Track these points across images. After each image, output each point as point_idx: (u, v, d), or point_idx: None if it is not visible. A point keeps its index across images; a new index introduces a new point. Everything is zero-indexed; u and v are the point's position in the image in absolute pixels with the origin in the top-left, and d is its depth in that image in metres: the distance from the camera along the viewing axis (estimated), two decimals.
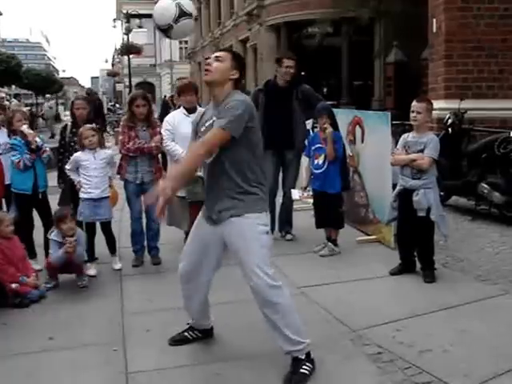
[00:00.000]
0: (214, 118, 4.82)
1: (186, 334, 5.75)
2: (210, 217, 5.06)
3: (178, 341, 5.71)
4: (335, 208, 8.50)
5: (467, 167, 10.76)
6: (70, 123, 8.68)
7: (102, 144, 8.09)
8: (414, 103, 7.34)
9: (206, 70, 4.95)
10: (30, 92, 75.29)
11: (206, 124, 4.98)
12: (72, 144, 8.31)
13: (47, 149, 8.19)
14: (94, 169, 7.84)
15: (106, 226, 8.21)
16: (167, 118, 8.73)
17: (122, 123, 8.50)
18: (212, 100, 5.07)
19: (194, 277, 5.27)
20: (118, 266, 8.17)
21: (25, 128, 8.02)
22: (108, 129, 31.83)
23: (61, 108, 71.80)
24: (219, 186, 4.91)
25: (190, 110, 8.55)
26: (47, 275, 7.48)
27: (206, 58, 5.10)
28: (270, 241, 5.00)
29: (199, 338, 5.74)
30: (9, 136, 8.28)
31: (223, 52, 5.05)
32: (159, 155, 8.71)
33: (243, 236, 4.84)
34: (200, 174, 8.33)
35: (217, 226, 4.98)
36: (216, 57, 4.97)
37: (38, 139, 8.06)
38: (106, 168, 7.99)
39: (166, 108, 13.34)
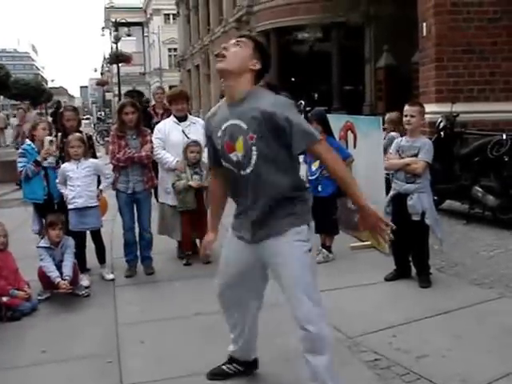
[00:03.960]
0: (232, 121, 4.12)
1: (224, 367, 5.10)
2: (242, 237, 4.41)
3: (215, 374, 5.07)
4: (329, 214, 8.46)
5: (460, 171, 10.76)
6: (59, 135, 8.63)
7: (86, 155, 8.02)
8: (407, 107, 7.33)
9: (221, 56, 4.13)
10: (18, 102, 75.14)
11: (223, 127, 4.18)
12: (62, 154, 8.26)
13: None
14: (76, 178, 7.80)
15: (96, 235, 8.17)
16: (158, 126, 8.73)
17: (111, 133, 8.45)
18: (226, 97, 4.30)
19: (240, 302, 4.71)
20: (109, 276, 8.10)
21: (47, 139, 8.14)
22: (98, 138, 31.88)
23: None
24: (255, 201, 4.20)
25: (181, 119, 8.57)
26: (41, 287, 7.42)
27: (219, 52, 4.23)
28: (314, 259, 4.50)
29: (240, 372, 5.07)
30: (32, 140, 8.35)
31: (244, 37, 4.22)
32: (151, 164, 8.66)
33: (282, 255, 4.20)
34: (191, 183, 8.36)
35: (252, 245, 4.35)
36: (236, 41, 4.16)
37: (51, 159, 8.12)
38: (90, 177, 7.93)
39: (147, 117, 12.93)
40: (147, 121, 12.26)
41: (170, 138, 8.51)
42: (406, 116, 7.31)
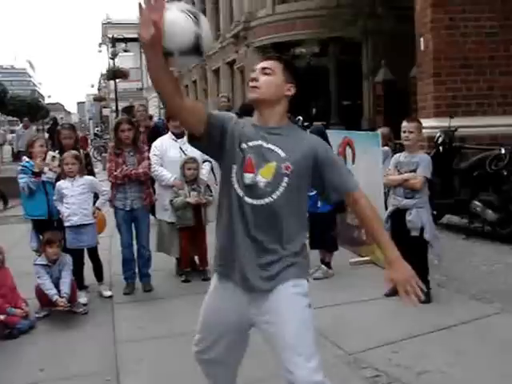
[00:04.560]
0: (264, 144, 3.64)
1: None
2: (231, 282, 3.73)
3: None
4: (328, 230, 8.44)
5: (459, 185, 10.76)
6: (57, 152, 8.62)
7: (81, 172, 7.99)
8: (405, 124, 7.34)
9: (253, 87, 3.74)
10: (15, 119, 75.11)
11: (251, 144, 3.65)
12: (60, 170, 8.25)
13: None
14: (71, 196, 7.77)
15: (93, 253, 8.15)
16: (155, 143, 8.72)
17: (109, 150, 8.44)
18: (257, 119, 3.81)
19: (219, 360, 3.97)
20: (107, 293, 8.07)
21: (50, 154, 8.17)
22: (95, 154, 31.89)
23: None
24: (258, 242, 3.61)
25: (179, 135, 8.55)
26: (39, 304, 7.38)
27: (252, 71, 3.86)
28: (313, 318, 3.71)
29: None
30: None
31: (271, 61, 3.81)
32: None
33: (276, 310, 3.61)
34: (189, 199, 8.34)
35: (241, 296, 3.68)
36: (262, 68, 3.75)
37: (50, 174, 8.10)
38: (85, 194, 7.89)
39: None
40: None
41: (168, 154, 8.51)
42: (404, 132, 7.32)
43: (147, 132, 12.05)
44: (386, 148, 9.79)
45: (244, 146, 3.66)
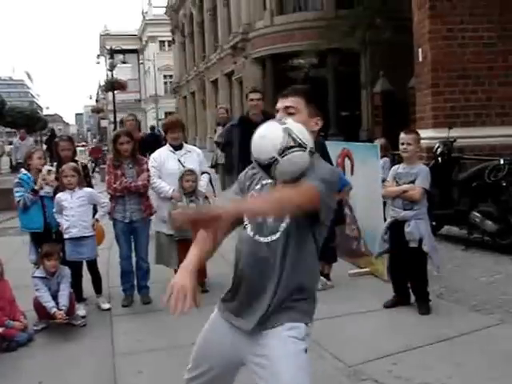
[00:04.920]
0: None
1: None
2: (236, 324, 3.53)
3: None
4: (328, 242, 8.40)
5: (458, 196, 10.75)
6: (55, 164, 8.61)
7: (81, 184, 7.98)
8: (403, 135, 7.33)
9: None
10: (13, 130, 75.05)
11: (264, 182, 3.56)
12: (58, 184, 8.22)
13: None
14: (71, 208, 7.76)
15: (92, 265, 8.13)
16: (153, 155, 8.70)
17: (107, 163, 8.43)
18: None
19: None
20: (106, 305, 8.04)
21: (46, 168, 8.15)
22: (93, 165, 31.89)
23: None
24: (265, 281, 3.41)
25: (177, 147, 8.53)
26: (37, 317, 7.35)
27: (276, 111, 3.68)
28: (309, 364, 3.50)
29: None
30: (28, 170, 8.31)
31: (292, 97, 3.63)
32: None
33: (269, 354, 3.39)
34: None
35: (236, 334, 3.51)
36: (285, 108, 3.60)
37: (47, 188, 8.10)
38: (84, 207, 7.89)
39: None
40: None
41: (166, 166, 8.49)
42: (402, 144, 7.31)
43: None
44: (386, 159, 9.79)
45: (258, 186, 3.58)
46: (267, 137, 3.30)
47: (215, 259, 3.90)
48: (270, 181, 3.48)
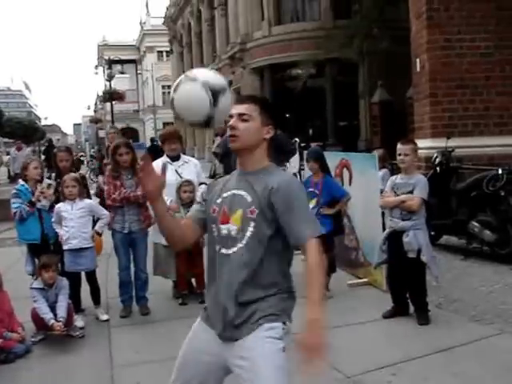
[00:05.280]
0: (236, 191, 3.64)
1: None
2: (212, 327, 3.65)
3: None
4: (326, 252, 8.40)
5: (457, 206, 10.74)
6: (53, 175, 8.61)
7: (81, 195, 7.98)
8: (400, 146, 7.34)
9: (232, 136, 3.66)
10: (11, 140, 75.10)
11: (224, 195, 3.69)
12: (57, 195, 8.21)
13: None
14: (71, 219, 7.77)
15: (91, 276, 8.10)
16: None
17: (106, 173, 8.41)
18: (239, 164, 3.79)
19: None
20: (104, 317, 8.01)
21: (46, 182, 8.20)
22: (92, 176, 31.81)
23: None
24: (231, 287, 3.55)
25: (174, 158, 8.53)
26: (35, 328, 7.32)
27: (230, 116, 3.72)
28: (287, 362, 3.50)
29: None
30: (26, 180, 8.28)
31: (247, 104, 3.72)
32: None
33: (249, 355, 3.48)
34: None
35: (217, 339, 3.61)
36: (239, 114, 3.67)
37: (45, 202, 8.08)
38: (85, 218, 7.90)
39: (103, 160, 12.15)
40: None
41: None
42: (399, 155, 7.31)
43: None
44: (385, 170, 9.80)
45: (219, 200, 3.70)
46: (192, 98, 3.50)
47: None
48: (230, 193, 3.65)
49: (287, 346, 3.50)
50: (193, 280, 8.76)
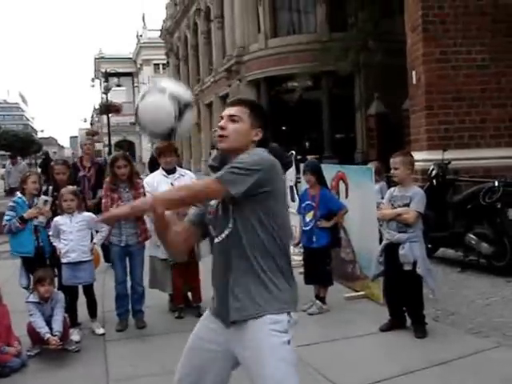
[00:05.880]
0: None
1: None
2: (217, 316, 3.75)
3: None
4: (323, 265, 8.41)
5: (453, 218, 10.75)
6: (50, 188, 8.60)
7: (80, 208, 7.97)
8: (391, 160, 7.36)
9: (220, 136, 3.73)
10: (7, 153, 75.07)
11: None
12: (53, 208, 8.19)
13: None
14: (69, 232, 7.74)
15: (88, 289, 8.06)
16: (146, 180, 8.68)
17: (104, 186, 8.38)
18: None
19: None
20: (100, 330, 7.96)
21: (42, 198, 8.16)
22: None
23: None
24: (229, 274, 3.65)
25: (170, 171, 8.51)
26: (30, 342, 7.28)
27: (220, 117, 3.83)
28: (293, 354, 3.60)
29: None
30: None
31: (237, 106, 3.80)
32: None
33: (254, 347, 3.56)
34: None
35: (225, 330, 3.69)
36: (229, 116, 3.75)
37: (41, 218, 8.07)
38: (84, 231, 7.86)
39: (74, 171, 11.77)
40: (74, 174, 11.76)
41: (159, 191, 8.46)
42: (392, 168, 7.32)
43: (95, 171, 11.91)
44: (383, 183, 9.81)
45: (213, 202, 3.80)
46: (159, 109, 3.59)
47: (210, 284, 3.87)
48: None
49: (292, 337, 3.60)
50: (189, 293, 8.73)
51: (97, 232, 8.05)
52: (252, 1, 38.15)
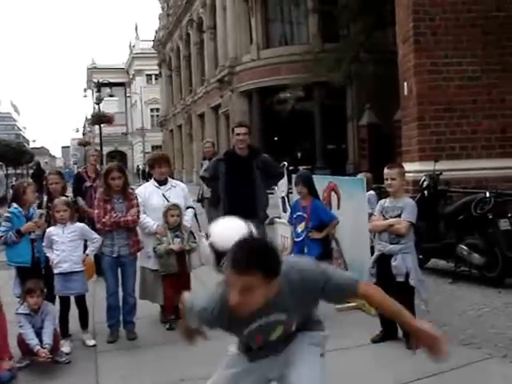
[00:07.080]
0: (266, 319, 3.71)
1: None
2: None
3: None
4: None
5: (445, 229, 10.75)
6: (45, 198, 8.59)
7: (72, 218, 7.94)
8: (387, 171, 7.34)
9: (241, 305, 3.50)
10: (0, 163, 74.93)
11: (253, 326, 3.74)
12: (47, 219, 8.17)
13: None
14: (62, 243, 7.72)
15: (80, 300, 8.02)
16: (138, 190, 8.66)
17: (97, 196, 8.36)
18: None
19: None
20: (91, 342, 7.92)
21: (39, 212, 8.16)
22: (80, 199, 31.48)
23: None
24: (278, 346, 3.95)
25: (161, 182, 8.52)
26: (20, 354, 7.23)
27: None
28: (324, 365, 4.04)
29: None
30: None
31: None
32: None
33: (292, 363, 3.88)
34: (172, 246, 8.27)
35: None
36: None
37: (38, 231, 8.05)
38: (76, 242, 7.85)
39: (79, 181, 12.35)
40: (79, 184, 11.95)
41: (151, 201, 8.47)
42: (386, 179, 7.32)
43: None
44: (371, 192, 9.80)
45: (245, 331, 3.82)
46: (233, 228, 4.06)
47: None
48: (263, 321, 3.73)
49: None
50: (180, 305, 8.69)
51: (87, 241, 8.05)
52: (244, 12, 38.28)
